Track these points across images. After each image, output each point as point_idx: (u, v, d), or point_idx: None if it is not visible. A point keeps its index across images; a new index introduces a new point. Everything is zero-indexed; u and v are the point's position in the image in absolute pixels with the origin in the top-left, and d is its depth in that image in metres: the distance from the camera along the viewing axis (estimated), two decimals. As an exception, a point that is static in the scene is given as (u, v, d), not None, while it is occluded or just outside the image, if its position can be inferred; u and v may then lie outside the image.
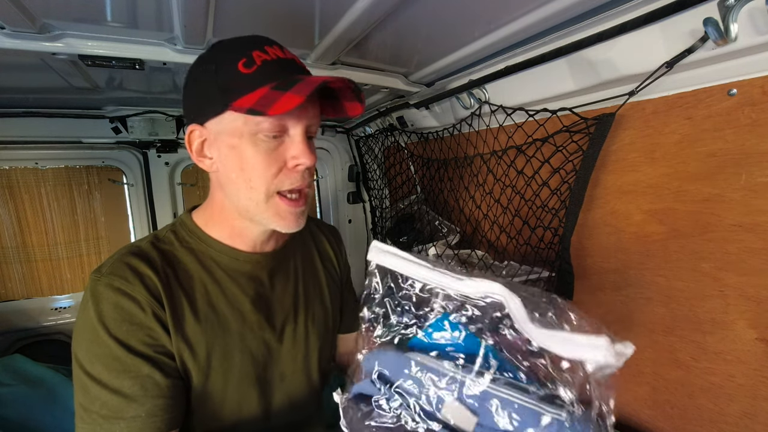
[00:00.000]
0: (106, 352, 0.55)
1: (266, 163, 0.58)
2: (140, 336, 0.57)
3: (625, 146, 0.83)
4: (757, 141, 0.62)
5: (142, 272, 0.59)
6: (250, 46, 0.57)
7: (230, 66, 0.56)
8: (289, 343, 0.71)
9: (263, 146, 0.58)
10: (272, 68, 0.56)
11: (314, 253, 0.83)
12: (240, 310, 0.66)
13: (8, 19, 0.68)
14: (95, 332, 0.55)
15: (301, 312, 0.74)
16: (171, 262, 0.64)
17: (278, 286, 0.72)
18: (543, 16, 0.70)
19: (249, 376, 0.66)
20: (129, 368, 0.55)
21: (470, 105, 1.07)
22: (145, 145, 1.57)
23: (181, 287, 0.62)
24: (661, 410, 0.87)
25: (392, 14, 0.73)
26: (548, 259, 1.00)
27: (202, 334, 0.61)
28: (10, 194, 1.47)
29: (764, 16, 0.52)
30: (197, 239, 0.67)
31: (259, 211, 0.61)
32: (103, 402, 0.54)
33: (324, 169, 2.03)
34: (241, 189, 0.60)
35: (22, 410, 1.06)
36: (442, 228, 1.41)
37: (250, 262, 0.68)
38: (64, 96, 1.21)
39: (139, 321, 0.57)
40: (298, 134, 0.59)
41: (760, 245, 0.65)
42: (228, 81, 0.56)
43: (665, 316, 0.82)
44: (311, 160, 0.60)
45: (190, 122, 0.61)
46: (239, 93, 0.55)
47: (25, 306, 1.54)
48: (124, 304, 0.57)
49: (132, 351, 0.56)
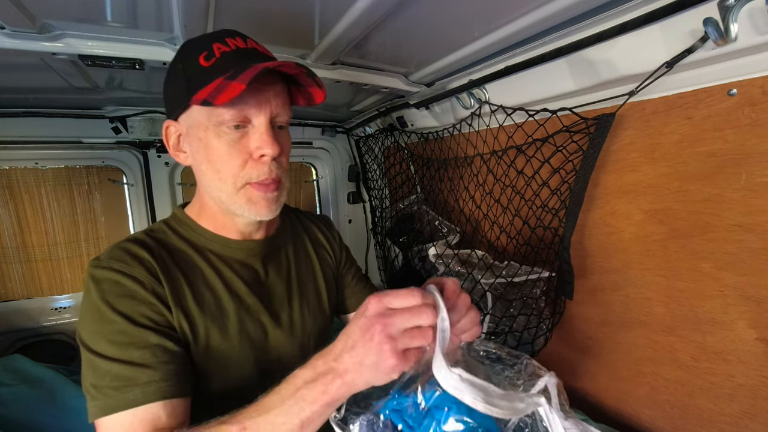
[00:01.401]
0: (112, 328, 0.55)
1: (230, 155, 0.59)
2: (143, 309, 0.57)
3: (625, 146, 0.83)
4: (757, 141, 0.62)
5: (140, 256, 0.60)
6: (213, 39, 0.58)
7: (193, 60, 0.58)
8: (285, 328, 0.72)
9: (226, 138, 0.59)
10: (230, 59, 0.57)
11: (306, 242, 0.83)
12: (237, 292, 0.67)
13: (8, 19, 0.68)
14: (99, 311, 0.56)
15: (295, 299, 0.75)
16: (166, 248, 0.65)
17: (271, 273, 0.73)
18: (543, 16, 0.70)
19: (248, 358, 0.66)
20: (136, 340, 0.55)
21: (470, 105, 1.07)
22: (145, 145, 1.57)
23: (179, 269, 0.63)
24: (661, 410, 0.87)
25: (392, 14, 0.73)
26: (548, 258, 1.00)
27: (201, 314, 0.62)
28: (10, 194, 1.47)
29: (764, 16, 0.52)
30: (189, 229, 0.68)
31: (232, 201, 0.62)
32: (114, 375, 0.54)
33: (324, 169, 2.03)
34: (212, 181, 0.62)
35: (22, 410, 1.06)
36: (442, 228, 1.41)
37: (242, 249, 0.69)
38: (64, 96, 1.21)
39: (141, 296, 0.58)
40: (262, 124, 0.59)
41: (760, 245, 0.65)
42: (191, 75, 0.58)
43: (665, 316, 0.82)
44: (274, 149, 0.59)
45: (167, 118, 0.64)
46: (199, 86, 0.56)
47: (25, 306, 1.54)
48: (125, 282, 0.58)
49: (137, 323, 0.56)
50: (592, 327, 1.00)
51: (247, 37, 0.61)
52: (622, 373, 0.94)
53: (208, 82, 0.55)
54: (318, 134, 1.91)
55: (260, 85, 0.58)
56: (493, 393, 0.41)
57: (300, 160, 2.00)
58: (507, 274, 1.04)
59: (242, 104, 0.57)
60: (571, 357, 1.08)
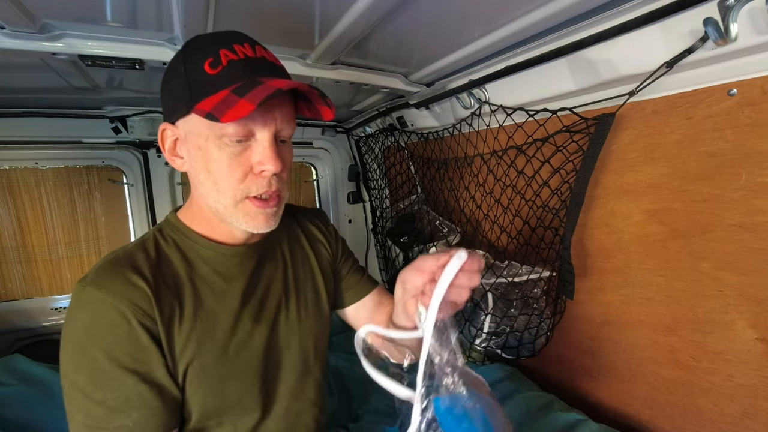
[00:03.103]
0: (89, 364, 0.55)
1: (231, 168, 0.57)
2: (124, 347, 0.56)
3: (625, 146, 0.83)
4: (757, 141, 0.62)
5: (128, 280, 0.58)
6: (220, 44, 0.56)
7: (197, 65, 0.55)
8: (282, 331, 0.71)
9: (228, 150, 0.56)
10: (237, 69, 0.55)
11: (301, 238, 0.82)
12: (230, 304, 0.66)
13: (8, 19, 0.68)
14: (80, 343, 0.55)
15: (292, 298, 0.74)
16: (158, 263, 0.63)
17: (267, 275, 0.72)
18: (543, 16, 0.70)
19: (246, 370, 0.66)
20: (113, 381, 0.54)
21: (470, 105, 1.07)
22: (145, 145, 1.57)
23: (170, 289, 0.61)
24: (661, 410, 0.87)
25: (392, 14, 0.73)
26: (549, 258, 1.00)
27: (194, 334, 0.61)
28: (10, 194, 1.47)
29: (764, 16, 0.52)
30: (182, 235, 0.67)
31: (228, 213, 0.61)
32: (87, 413, 0.54)
33: (324, 169, 2.03)
34: (209, 191, 0.60)
35: (22, 410, 1.06)
36: (442, 228, 1.41)
37: (236, 255, 0.68)
38: (64, 96, 1.21)
39: (123, 333, 0.56)
40: (265, 139, 0.57)
41: (760, 245, 0.65)
42: (194, 81, 0.55)
43: (665, 316, 0.82)
44: (277, 166, 0.57)
45: (164, 120, 0.61)
46: (202, 95, 0.54)
47: (25, 306, 1.54)
48: (108, 315, 0.55)
49: (115, 363, 0.55)
50: (593, 327, 1.00)
51: (256, 43, 0.59)
52: (622, 373, 0.94)
53: (212, 93, 0.53)
54: (318, 134, 1.91)
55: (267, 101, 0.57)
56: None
57: (300, 160, 2.00)
58: (508, 274, 1.04)
59: (246, 119, 0.54)
60: (572, 357, 1.08)
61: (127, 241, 1.63)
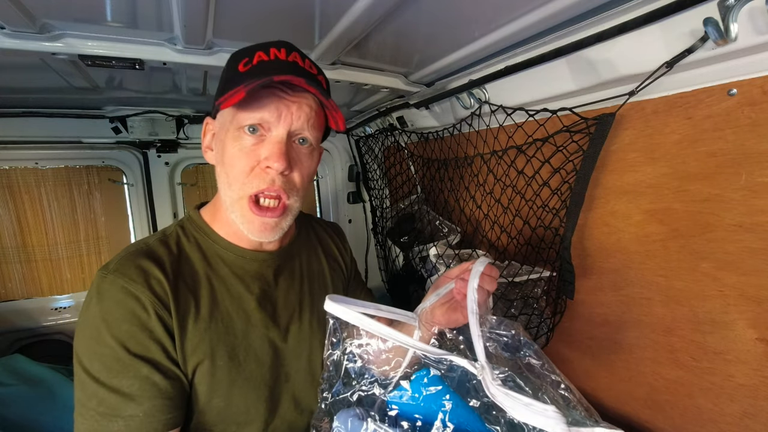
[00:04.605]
0: (106, 352, 0.55)
1: (240, 159, 0.59)
2: (141, 337, 0.56)
3: (625, 146, 0.83)
4: (757, 141, 0.62)
5: (148, 272, 0.59)
6: (261, 47, 0.59)
7: (234, 65, 0.59)
8: (293, 342, 0.71)
9: (241, 143, 0.59)
10: (263, 67, 0.57)
11: (319, 252, 0.83)
12: (245, 308, 0.66)
13: (8, 19, 0.68)
14: (97, 330, 0.55)
15: (306, 311, 0.74)
16: (179, 259, 0.64)
17: (283, 285, 0.72)
18: (543, 16, 0.70)
19: (254, 376, 0.65)
20: (128, 368, 0.55)
21: (470, 105, 1.07)
22: (145, 145, 1.57)
23: (188, 286, 0.62)
24: (661, 410, 0.87)
25: (392, 14, 0.73)
26: (549, 258, 1.00)
27: (207, 334, 0.61)
28: (10, 194, 1.47)
29: (764, 16, 0.52)
30: (204, 235, 0.67)
31: (232, 209, 0.62)
32: (100, 400, 0.54)
33: (324, 169, 2.03)
34: (223, 183, 0.62)
35: (22, 410, 1.06)
36: (442, 228, 1.41)
37: (256, 260, 0.68)
38: (64, 96, 1.21)
39: (141, 322, 0.57)
40: (278, 135, 0.58)
41: (760, 245, 0.65)
42: (227, 79, 0.59)
43: (665, 316, 0.82)
44: (281, 163, 0.57)
45: (211, 115, 0.66)
46: (227, 90, 0.57)
47: (25, 306, 1.54)
48: (128, 303, 0.56)
49: (131, 352, 0.55)
50: (593, 327, 1.00)
51: (294, 50, 0.60)
52: (622, 373, 0.94)
53: (233, 87, 0.55)
54: None
55: (285, 95, 0.57)
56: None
57: (300, 160, 2.00)
58: (508, 274, 1.04)
59: (262, 110, 0.57)
60: (572, 357, 1.08)
61: (127, 241, 1.64)
